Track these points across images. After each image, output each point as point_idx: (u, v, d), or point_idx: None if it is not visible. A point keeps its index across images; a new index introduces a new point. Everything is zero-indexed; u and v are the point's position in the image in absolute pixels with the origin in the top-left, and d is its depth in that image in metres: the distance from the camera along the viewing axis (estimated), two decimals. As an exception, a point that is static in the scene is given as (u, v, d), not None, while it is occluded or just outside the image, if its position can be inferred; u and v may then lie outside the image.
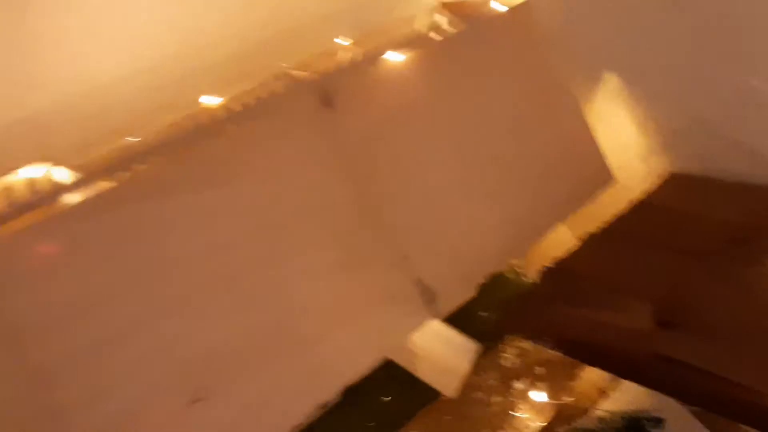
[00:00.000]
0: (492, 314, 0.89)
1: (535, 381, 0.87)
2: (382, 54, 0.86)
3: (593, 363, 0.76)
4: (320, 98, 0.64)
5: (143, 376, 0.44)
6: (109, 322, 0.42)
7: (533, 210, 0.68)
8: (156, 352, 0.44)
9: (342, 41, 0.81)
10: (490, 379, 0.86)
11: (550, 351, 0.83)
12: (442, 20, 0.88)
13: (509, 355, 0.90)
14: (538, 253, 0.89)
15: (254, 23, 0.88)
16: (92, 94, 0.76)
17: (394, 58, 0.76)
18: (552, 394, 0.80)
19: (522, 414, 0.81)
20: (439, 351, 0.66)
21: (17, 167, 0.67)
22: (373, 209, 0.56)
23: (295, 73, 0.72)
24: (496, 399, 0.84)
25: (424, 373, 0.69)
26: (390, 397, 0.82)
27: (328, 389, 0.54)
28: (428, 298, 0.59)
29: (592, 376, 0.81)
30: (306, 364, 0.53)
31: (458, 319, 0.71)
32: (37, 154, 0.78)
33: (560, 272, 0.80)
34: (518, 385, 0.86)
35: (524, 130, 0.68)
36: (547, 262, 0.79)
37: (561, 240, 0.85)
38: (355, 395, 0.63)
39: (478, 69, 0.71)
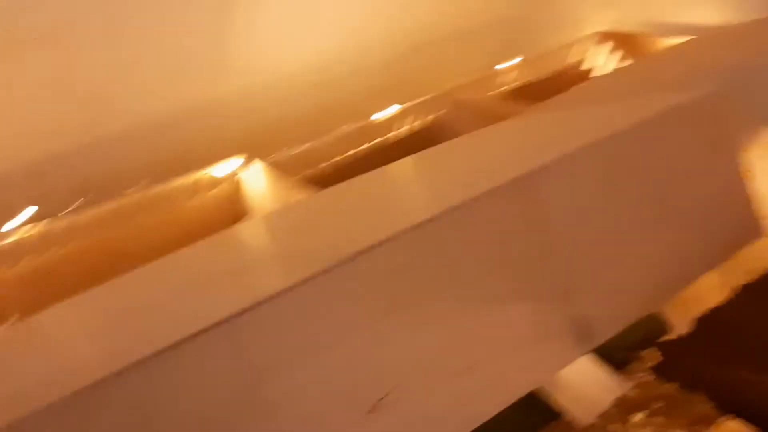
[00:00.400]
0: (632, 353, 0.92)
1: (654, 415, 0.88)
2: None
3: (741, 416, 0.77)
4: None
5: (341, 380, 0.47)
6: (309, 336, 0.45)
7: (686, 257, 0.69)
8: (347, 363, 0.47)
9: (503, 66, 0.83)
10: (608, 407, 0.88)
11: (689, 395, 0.84)
12: (604, 51, 0.88)
13: (629, 385, 0.91)
14: (687, 301, 0.90)
15: (417, 40, 0.91)
16: (271, 85, 0.80)
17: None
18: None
19: (640, 447, 0.83)
20: (583, 383, 0.68)
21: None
22: (542, 241, 0.58)
23: (460, 94, 0.74)
24: (613, 427, 0.86)
25: (563, 400, 0.71)
26: (508, 415, 0.85)
27: (482, 414, 0.57)
28: (583, 334, 0.60)
29: (731, 426, 0.82)
30: (469, 385, 0.55)
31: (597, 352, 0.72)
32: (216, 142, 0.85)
33: (712, 322, 0.81)
34: (637, 416, 0.87)
35: (682, 175, 0.69)
36: (697, 311, 0.81)
37: (710, 289, 0.86)
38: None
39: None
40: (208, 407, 0.39)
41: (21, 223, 0.56)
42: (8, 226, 0.55)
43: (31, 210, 0.55)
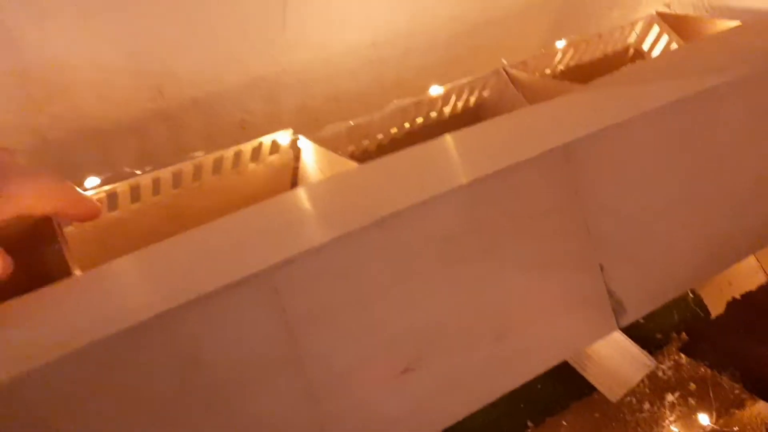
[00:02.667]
0: (667, 335, 0.93)
1: (687, 396, 0.89)
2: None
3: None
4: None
5: (375, 338, 0.49)
6: (346, 293, 0.47)
7: (727, 240, 0.69)
8: (382, 322, 0.49)
9: (556, 46, 0.83)
10: (642, 386, 0.89)
11: (720, 376, 0.85)
12: (658, 33, 0.88)
13: (663, 366, 0.92)
14: (722, 283, 0.91)
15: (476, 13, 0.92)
16: (327, 60, 0.83)
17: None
18: (710, 416, 0.83)
19: (672, 426, 0.84)
20: (615, 359, 0.69)
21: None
22: (579, 212, 0.59)
23: (513, 71, 0.75)
24: (647, 406, 0.88)
25: (593, 375, 0.73)
26: (542, 386, 0.88)
27: (514, 381, 0.58)
28: (617, 310, 0.62)
29: (760, 408, 0.83)
30: (500, 351, 0.57)
31: (628, 331, 0.74)
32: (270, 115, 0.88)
33: (747, 305, 0.81)
34: (669, 397, 0.89)
35: (727, 156, 0.69)
36: (733, 294, 0.81)
37: (747, 273, 0.86)
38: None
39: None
40: (246, 354, 0.42)
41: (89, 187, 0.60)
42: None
43: (94, 179, 0.59)
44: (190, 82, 0.77)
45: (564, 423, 0.84)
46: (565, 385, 0.87)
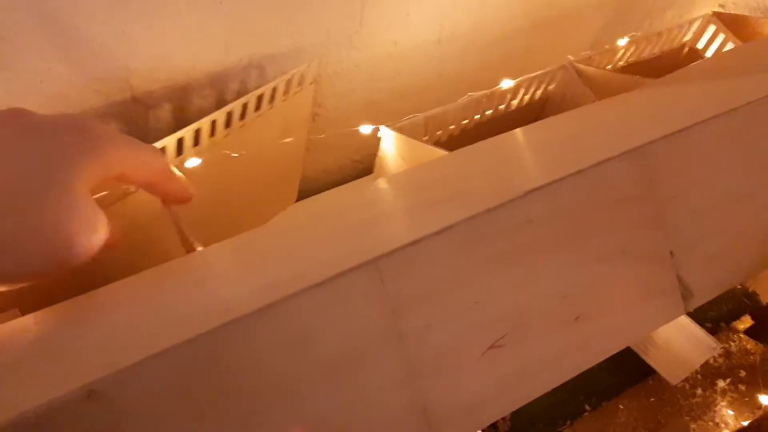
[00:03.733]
0: (720, 323, 0.97)
1: (737, 383, 0.92)
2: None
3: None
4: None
5: (467, 318, 0.52)
6: (442, 279, 0.51)
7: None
8: (471, 306, 0.52)
9: (617, 43, 0.86)
10: (695, 373, 0.92)
11: (764, 359, 0.88)
12: (716, 32, 0.90)
13: (714, 354, 0.95)
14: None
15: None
16: (393, 56, 0.86)
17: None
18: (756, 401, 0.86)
19: (726, 410, 0.87)
20: (678, 342, 0.72)
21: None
22: (653, 205, 0.62)
23: (580, 66, 0.77)
24: (699, 392, 0.90)
25: (655, 359, 0.76)
26: (599, 372, 0.91)
27: (589, 360, 0.61)
28: (685, 295, 0.65)
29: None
30: (578, 332, 0.59)
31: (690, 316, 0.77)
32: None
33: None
34: (721, 383, 0.92)
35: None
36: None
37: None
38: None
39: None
40: (352, 337, 0.45)
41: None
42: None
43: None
44: (271, 73, 0.80)
45: (621, 407, 0.87)
46: (621, 370, 0.90)
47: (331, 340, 0.45)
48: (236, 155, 0.70)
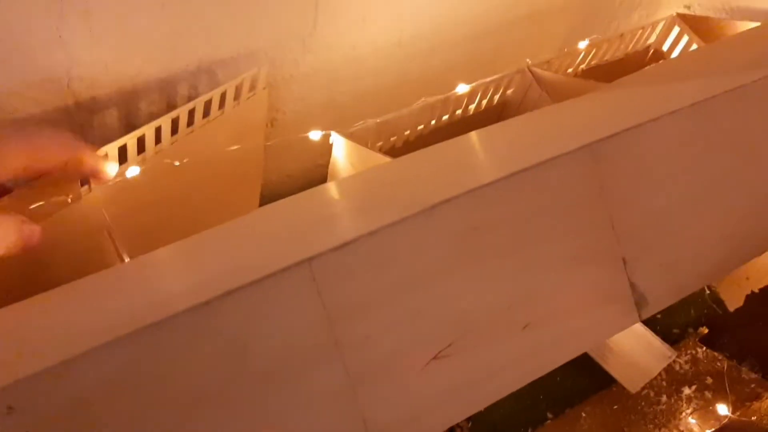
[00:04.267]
0: (684, 329, 0.96)
1: (703, 390, 0.91)
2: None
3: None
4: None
5: (409, 327, 0.51)
6: (380, 284, 0.49)
7: (747, 236, 0.71)
8: (416, 312, 0.51)
9: (578, 46, 0.85)
10: (660, 379, 0.91)
11: (739, 367, 0.87)
12: (678, 34, 0.90)
13: (681, 360, 0.94)
14: (739, 278, 0.93)
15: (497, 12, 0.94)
16: (352, 58, 0.85)
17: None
18: (728, 406, 0.85)
19: (690, 418, 0.86)
20: (635, 350, 0.71)
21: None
22: (604, 209, 0.61)
23: (537, 71, 0.76)
24: (664, 399, 0.89)
25: (613, 366, 0.75)
26: (562, 378, 0.89)
27: (539, 370, 0.60)
28: (640, 302, 0.63)
29: (776, 399, 0.85)
30: (527, 341, 0.58)
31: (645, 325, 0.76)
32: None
33: (766, 298, 0.83)
34: (686, 390, 0.91)
35: (747, 155, 0.70)
36: (752, 288, 0.83)
37: (764, 268, 0.88)
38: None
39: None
40: (287, 341, 0.44)
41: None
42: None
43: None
44: (222, 78, 0.79)
45: (583, 414, 0.86)
46: (584, 377, 0.89)
47: (264, 344, 0.43)
48: (178, 164, 0.69)
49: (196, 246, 0.53)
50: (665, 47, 0.96)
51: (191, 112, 0.70)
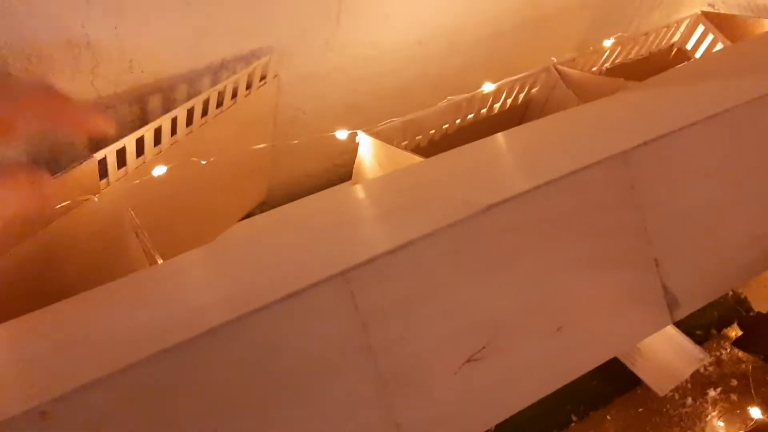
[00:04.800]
0: (711, 331, 0.95)
1: (728, 392, 0.90)
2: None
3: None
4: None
5: (443, 329, 0.50)
6: (414, 290, 0.49)
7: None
8: (446, 318, 0.50)
9: (603, 44, 0.84)
10: (685, 381, 0.90)
11: (756, 367, 0.86)
12: (704, 32, 0.89)
13: (705, 363, 0.93)
14: (766, 279, 0.92)
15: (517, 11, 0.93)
16: (373, 57, 0.84)
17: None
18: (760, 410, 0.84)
19: (718, 420, 0.85)
20: (665, 353, 0.70)
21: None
22: (636, 211, 0.60)
23: (563, 69, 0.75)
24: (689, 401, 0.88)
25: (641, 369, 0.74)
26: (586, 382, 0.89)
27: (572, 372, 0.59)
28: (671, 304, 0.63)
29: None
30: (559, 343, 0.58)
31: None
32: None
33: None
34: (711, 392, 0.90)
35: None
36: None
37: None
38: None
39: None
40: (321, 351, 0.44)
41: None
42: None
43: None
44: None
45: (608, 417, 0.85)
46: (608, 379, 0.88)
47: (299, 354, 0.43)
48: (196, 160, 0.68)
49: (227, 253, 0.52)
50: (689, 46, 0.95)
51: (205, 104, 0.69)
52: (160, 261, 0.50)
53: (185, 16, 0.67)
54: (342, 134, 0.69)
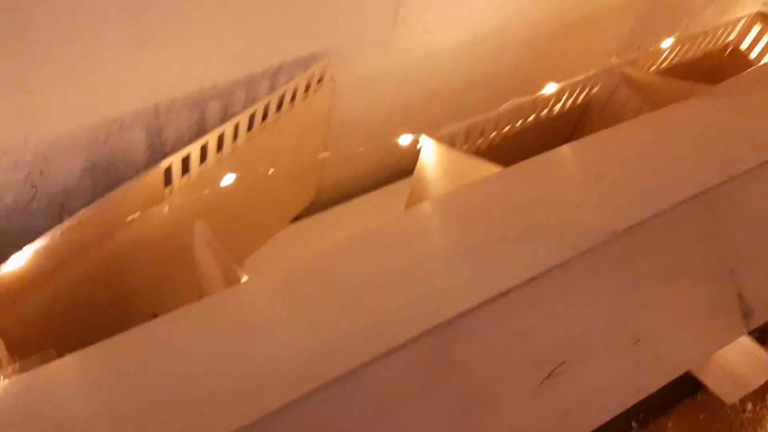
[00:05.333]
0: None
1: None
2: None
3: None
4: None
5: (522, 347, 0.49)
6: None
7: None
8: (526, 336, 0.49)
9: (667, 42, 0.82)
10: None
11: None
12: (761, 33, 0.87)
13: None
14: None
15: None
16: (430, 58, 0.83)
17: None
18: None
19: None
20: (736, 361, 0.69)
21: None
22: (713, 219, 0.58)
23: (626, 70, 0.74)
24: (749, 407, 0.87)
25: (710, 377, 0.72)
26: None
27: (650, 385, 0.58)
28: (746, 313, 0.61)
29: None
30: (637, 359, 0.57)
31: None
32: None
33: None
34: (774, 398, 0.88)
35: None
36: None
37: None
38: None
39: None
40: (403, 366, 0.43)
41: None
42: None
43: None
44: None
45: (669, 424, 0.84)
46: (669, 387, 0.86)
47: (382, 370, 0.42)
48: (261, 169, 0.67)
49: (316, 279, 0.48)
50: (743, 46, 0.93)
51: (265, 108, 0.68)
52: (244, 278, 0.48)
53: (246, 21, 0.66)
54: (406, 140, 0.68)
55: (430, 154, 0.67)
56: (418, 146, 0.67)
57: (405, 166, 1.00)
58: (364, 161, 0.97)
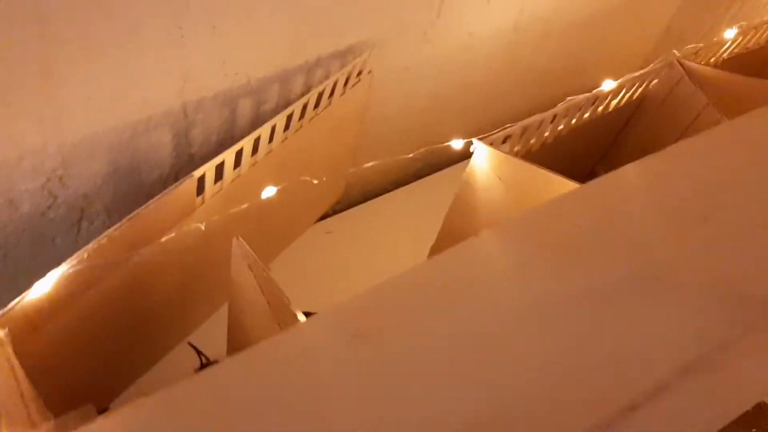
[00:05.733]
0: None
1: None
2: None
3: None
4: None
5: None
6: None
7: None
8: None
9: (730, 32, 0.76)
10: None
11: None
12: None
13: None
14: None
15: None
16: (471, 46, 0.78)
17: None
18: None
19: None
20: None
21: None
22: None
23: (689, 64, 0.68)
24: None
25: None
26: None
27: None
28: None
29: None
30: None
31: None
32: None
33: None
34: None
35: None
36: None
37: None
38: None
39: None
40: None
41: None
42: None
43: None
44: (335, 70, 0.72)
45: (721, 439, 0.79)
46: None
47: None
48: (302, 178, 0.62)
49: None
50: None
51: (304, 105, 0.63)
52: (301, 317, 0.42)
53: (284, 13, 0.60)
54: (458, 144, 0.63)
55: (483, 159, 0.61)
56: (471, 149, 0.62)
57: (432, 161, 0.95)
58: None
